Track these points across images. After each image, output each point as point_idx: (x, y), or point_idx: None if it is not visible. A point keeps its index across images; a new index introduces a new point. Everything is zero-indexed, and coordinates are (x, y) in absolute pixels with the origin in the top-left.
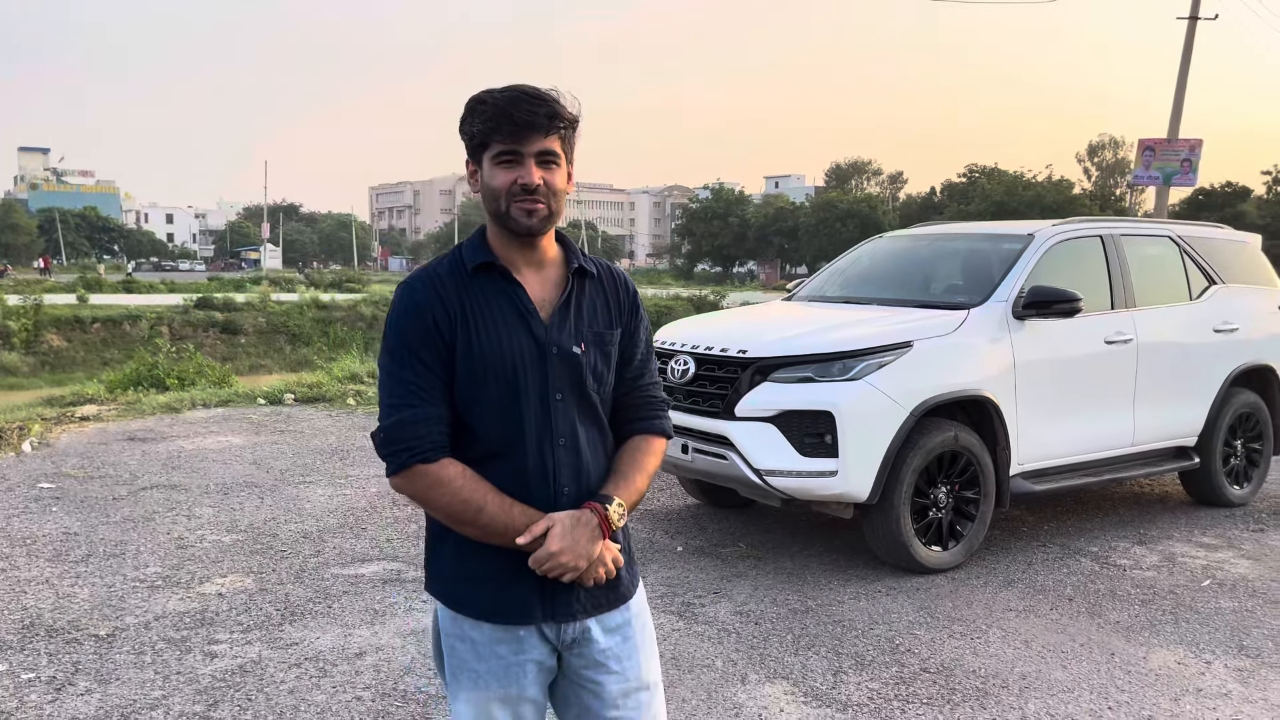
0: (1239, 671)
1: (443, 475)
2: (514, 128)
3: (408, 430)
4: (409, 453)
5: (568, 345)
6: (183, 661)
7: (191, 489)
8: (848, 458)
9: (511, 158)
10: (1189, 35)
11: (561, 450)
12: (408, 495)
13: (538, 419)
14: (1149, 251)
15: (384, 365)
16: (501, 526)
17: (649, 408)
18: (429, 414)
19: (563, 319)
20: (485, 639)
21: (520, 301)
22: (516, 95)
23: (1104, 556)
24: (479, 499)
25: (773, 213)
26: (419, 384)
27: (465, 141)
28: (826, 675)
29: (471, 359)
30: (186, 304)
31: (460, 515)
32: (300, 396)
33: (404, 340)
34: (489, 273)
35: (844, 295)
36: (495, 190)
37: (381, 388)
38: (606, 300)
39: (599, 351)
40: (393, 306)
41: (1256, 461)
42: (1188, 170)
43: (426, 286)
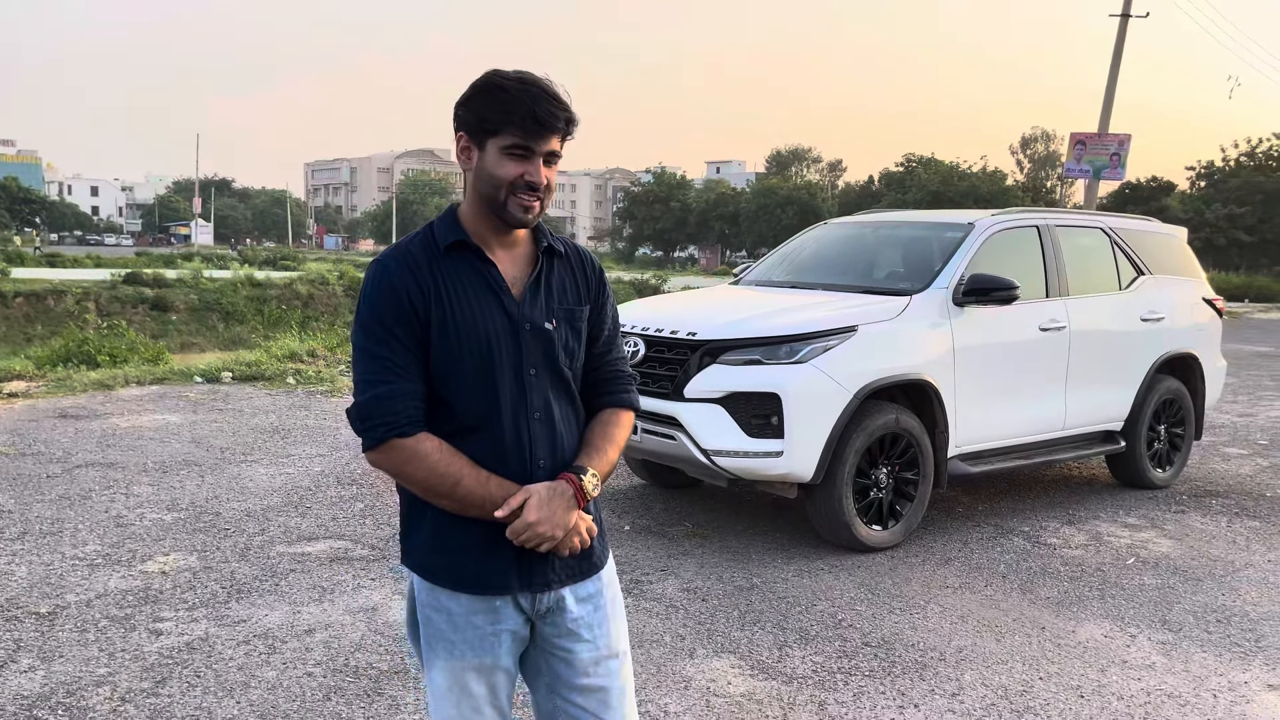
0: (1162, 644)
1: (419, 449)
2: (535, 125)
3: (384, 405)
4: (386, 427)
5: (540, 321)
6: (127, 639)
7: (128, 467)
8: (793, 439)
9: (522, 152)
10: (1121, 32)
11: (537, 424)
12: (384, 469)
13: (513, 394)
14: (1082, 242)
15: (359, 342)
16: (478, 499)
17: (617, 381)
18: (405, 389)
19: (534, 296)
20: (462, 610)
21: (493, 279)
22: (538, 93)
23: (1035, 536)
24: (455, 472)
25: (714, 198)
26: (394, 360)
27: (468, 119)
28: (772, 649)
29: (447, 335)
30: (114, 279)
31: (437, 488)
32: (238, 375)
33: (379, 317)
34: (462, 251)
35: (790, 280)
36: (498, 179)
37: (356, 364)
38: (575, 278)
39: (569, 327)
40: (366, 284)
41: (1179, 446)
42: (1116, 164)
43: (401, 264)
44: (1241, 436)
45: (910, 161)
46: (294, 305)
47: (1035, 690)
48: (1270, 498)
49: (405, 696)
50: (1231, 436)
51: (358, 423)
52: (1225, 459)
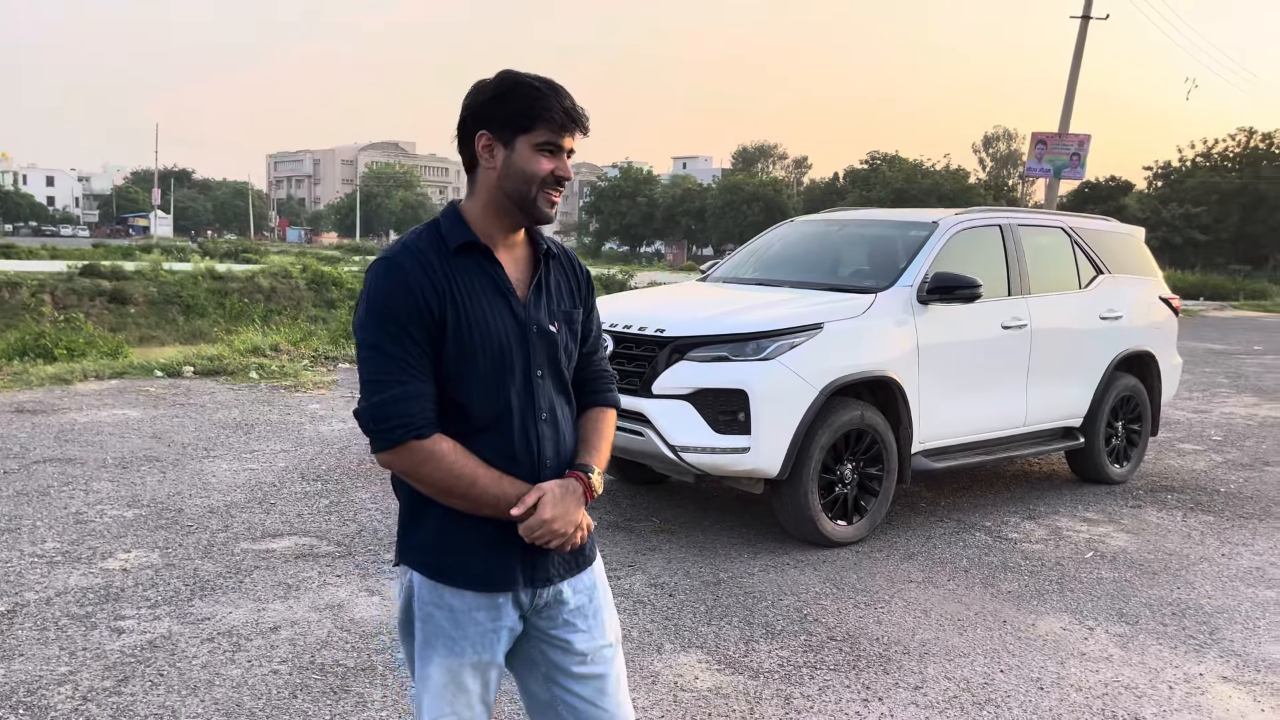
0: (1119, 637)
1: (436, 450)
2: (569, 122)
3: (400, 406)
4: (403, 429)
5: (545, 324)
6: (89, 637)
7: (88, 463)
8: (760, 435)
9: (553, 148)
10: (1081, 34)
11: (544, 425)
12: (398, 470)
13: (522, 395)
14: (1043, 241)
15: (370, 341)
16: (493, 498)
17: (603, 380)
18: (420, 390)
19: (537, 298)
20: (465, 606)
21: (501, 281)
22: (565, 94)
23: (997, 530)
24: (470, 472)
25: (680, 193)
26: (409, 361)
27: (497, 116)
28: (739, 644)
29: (461, 337)
30: (71, 271)
31: (453, 488)
32: (200, 369)
33: (393, 316)
34: (471, 252)
35: (757, 277)
36: (530, 175)
37: (366, 364)
38: (568, 280)
39: (568, 329)
40: (377, 283)
41: (1136, 442)
42: (1076, 164)
43: (416, 265)
44: (1196, 433)
45: (875, 159)
46: (256, 299)
47: (996, 683)
48: (1224, 493)
49: (372, 693)
50: (1187, 433)
51: (372, 424)
52: (1180, 454)
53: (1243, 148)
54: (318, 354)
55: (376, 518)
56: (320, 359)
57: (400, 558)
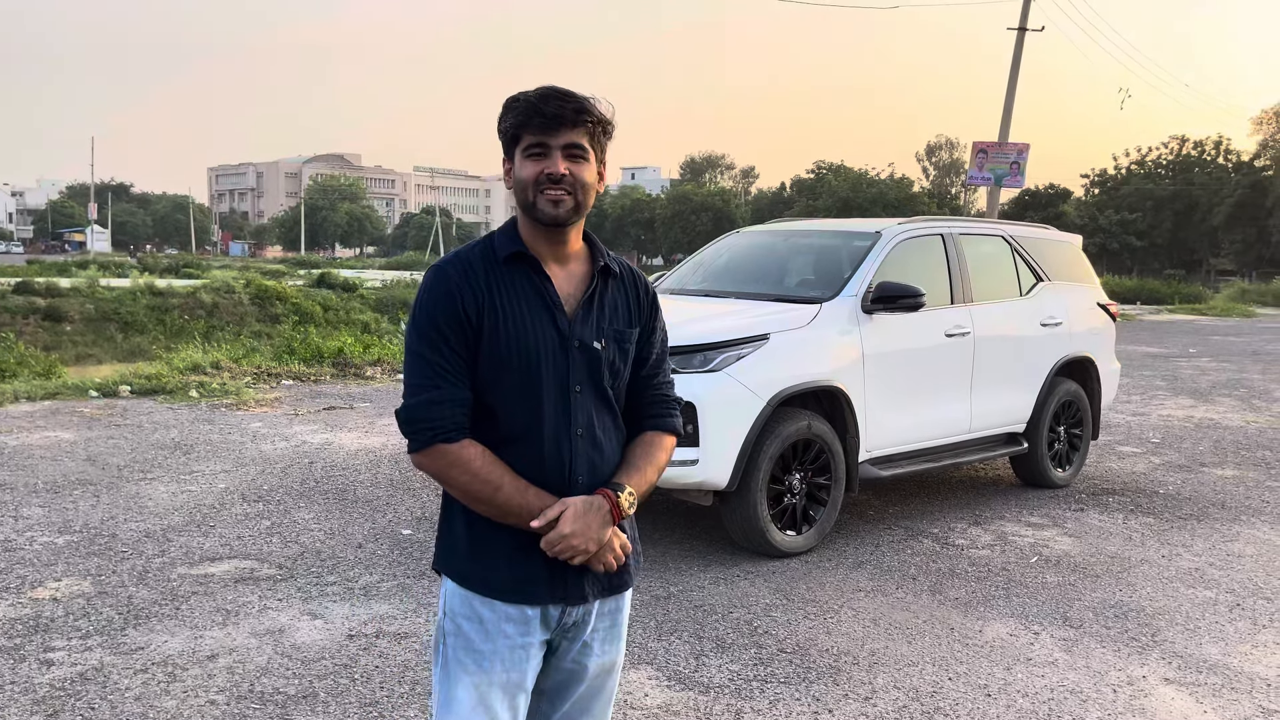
0: (1064, 641)
1: (463, 455)
2: (543, 120)
3: (433, 410)
4: (431, 431)
5: (589, 340)
6: (16, 671)
7: (17, 488)
8: (708, 447)
9: (540, 150)
10: (1018, 44)
11: (579, 441)
12: (428, 472)
13: (557, 409)
14: (984, 250)
15: (412, 346)
16: (516, 507)
17: (663, 404)
18: (453, 395)
19: (586, 314)
20: (495, 617)
21: (548, 294)
22: (547, 93)
23: (944, 537)
24: (496, 479)
25: (629, 204)
26: (445, 366)
27: (502, 139)
28: (689, 659)
29: (497, 345)
30: (3, 289)
31: (478, 494)
32: (137, 388)
33: (434, 323)
34: (520, 263)
35: (704, 288)
36: (524, 181)
37: (408, 368)
38: (628, 300)
39: (618, 348)
40: (423, 288)
41: (1077, 446)
42: (1016, 172)
43: (459, 272)
44: (1135, 435)
45: (821, 168)
46: (198, 315)
47: (945, 691)
48: (1163, 494)
49: None
50: (1126, 435)
51: (405, 425)
52: (1120, 457)
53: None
54: (260, 371)
55: (319, 539)
56: (263, 376)
57: (435, 562)
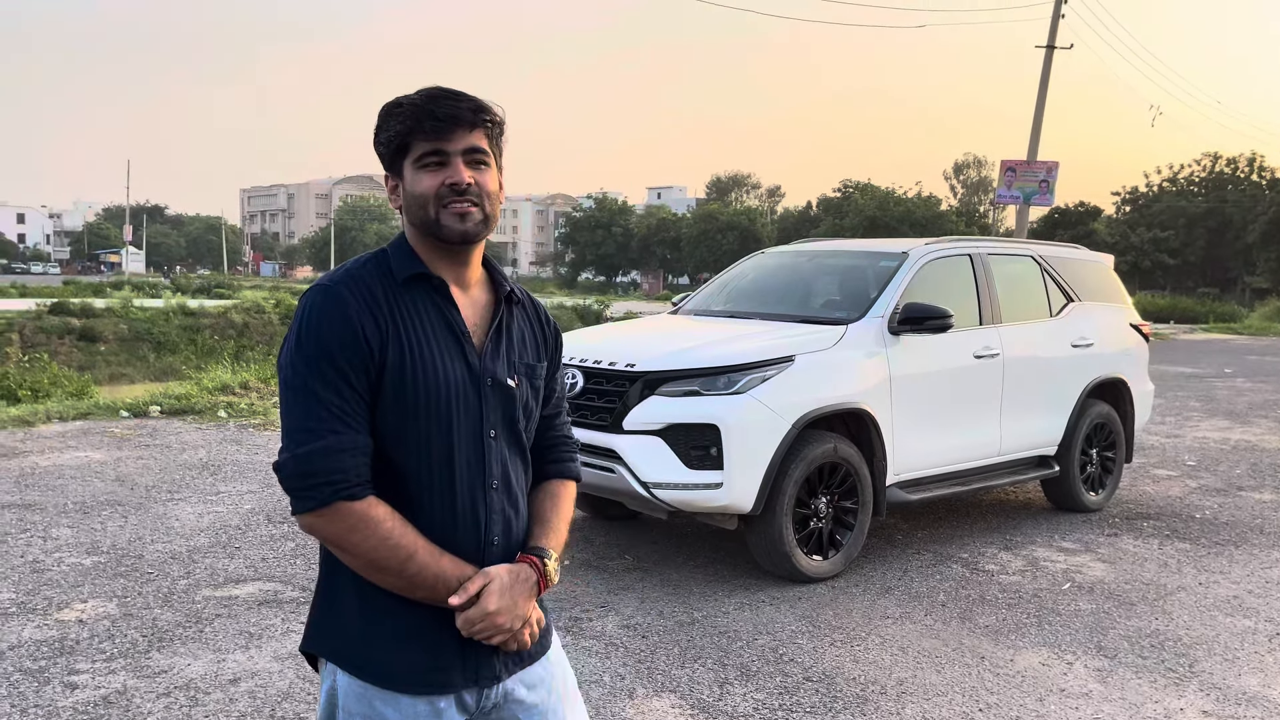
0: (1098, 671)
1: (370, 515)
2: (436, 124)
3: (330, 461)
4: (331, 487)
5: (502, 377)
6: (40, 694)
7: (47, 508)
8: (733, 470)
9: (437, 159)
10: (1046, 62)
11: (495, 495)
12: (323, 537)
13: (470, 458)
14: (1014, 270)
15: (296, 382)
16: (430, 579)
17: (564, 448)
18: (354, 442)
19: (495, 347)
20: (400, 715)
21: (456, 323)
22: (435, 93)
23: (973, 562)
24: (409, 545)
25: (655, 223)
26: (344, 407)
27: (382, 152)
28: (713, 687)
29: (404, 384)
30: (40, 309)
31: (385, 563)
32: (167, 408)
33: (326, 354)
34: (421, 285)
35: (729, 309)
36: (421, 196)
37: (291, 408)
38: (533, 330)
39: (530, 385)
40: (310, 313)
41: (1110, 469)
42: (1045, 190)
43: (357, 295)
44: (1170, 458)
45: (847, 187)
46: (228, 335)
47: None
48: (1199, 519)
49: None
50: (1160, 458)
51: (295, 479)
52: (1155, 480)
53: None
54: None
55: None
56: None
57: (311, 644)
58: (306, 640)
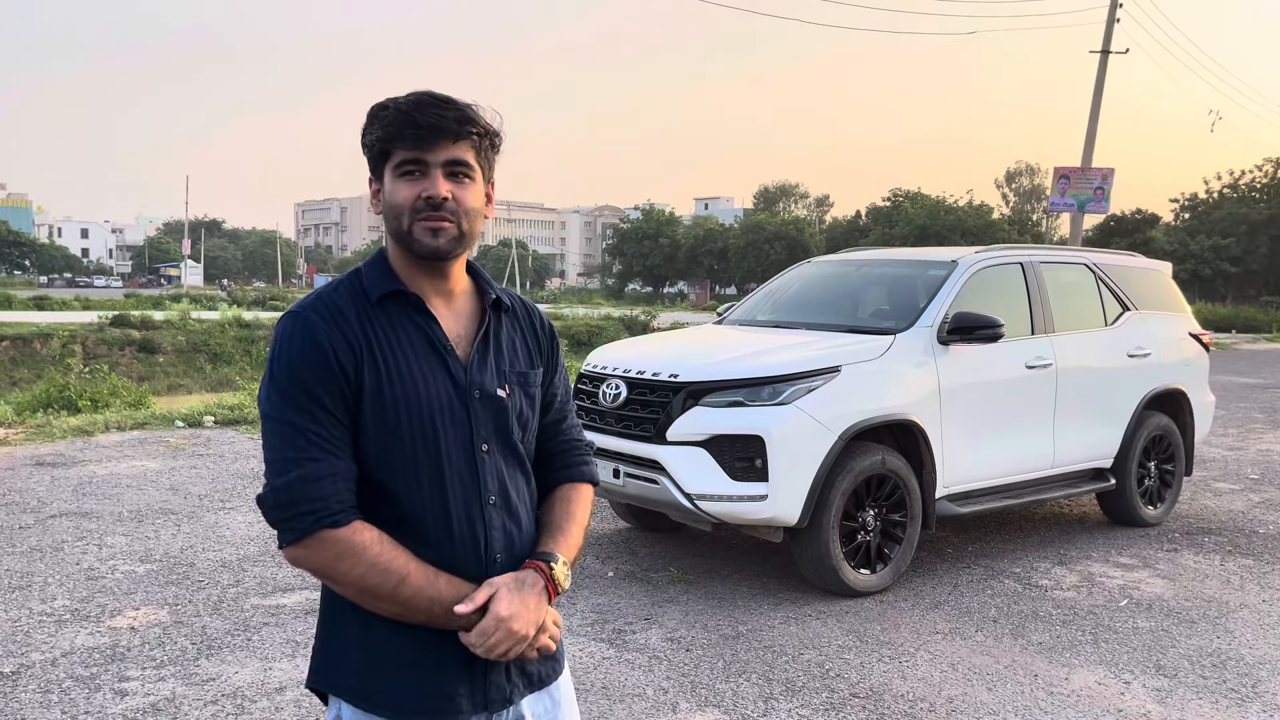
0: (1157, 691)
1: (356, 542)
2: (417, 132)
3: (310, 489)
4: (313, 516)
5: (491, 388)
6: (91, 700)
7: (103, 516)
8: (778, 481)
9: (415, 168)
10: (1101, 68)
11: (493, 511)
12: (309, 569)
13: (463, 475)
14: (1067, 278)
15: (273, 412)
16: (427, 601)
17: (575, 453)
18: (335, 469)
19: (482, 358)
20: None
21: (435, 336)
22: (421, 99)
23: (1026, 577)
24: (400, 568)
25: (702, 234)
26: (321, 434)
27: (366, 154)
28: (758, 702)
29: (383, 405)
30: (102, 322)
31: (377, 589)
32: (220, 419)
33: (299, 382)
34: (398, 302)
35: (774, 319)
36: (396, 207)
37: (271, 439)
38: (524, 337)
39: (523, 394)
40: (281, 341)
41: (1169, 482)
42: (1100, 198)
43: (325, 318)
44: (1232, 471)
45: (897, 196)
46: None
47: None
48: (1263, 534)
49: None
50: (1222, 471)
51: (275, 511)
52: (1216, 494)
53: (1270, 178)
54: None
55: None
56: None
57: (315, 680)
58: (312, 676)
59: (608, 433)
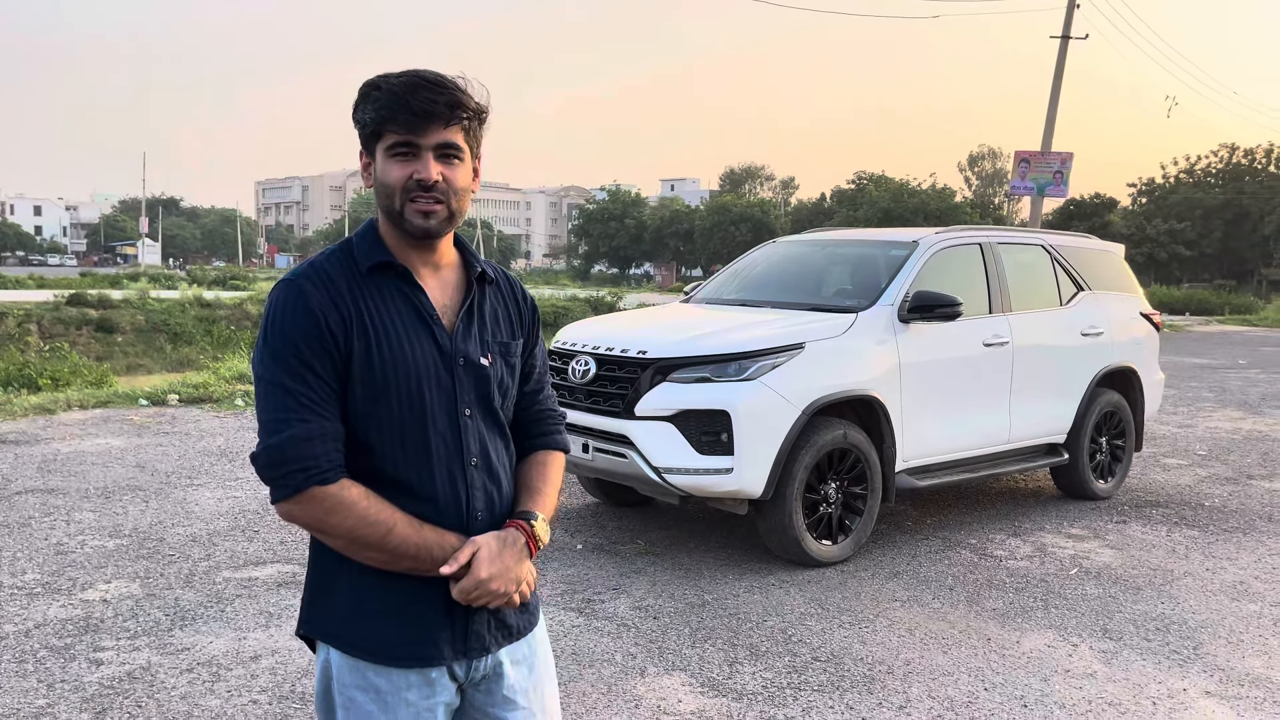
0: (1103, 653)
1: (344, 497)
2: (410, 117)
3: (301, 448)
4: (304, 474)
5: (475, 356)
6: (67, 670)
7: (70, 493)
8: (743, 455)
9: (407, 150)
10: (1061, 53)
11: (474, 472)
12: (301, 523)
13: (446, 438)
14: (1023, 259)
15: (265, 375)
16: (413, 549)
17: (549, 421)
18: (324, 429)
19: (467, 327)
20: (392, 686)
21: (423, 306)
22: (414, 81)
23: (982, 548)
24: (387, 519)
25: (668, 215)
26: (311, 396)
27: (358, 130)
28: (723, 666)
29: (371, 370)
30: (57, 301)
31: (366, 539)
32: (185, 397)
33: (293, 347)
34: (386, 273)
35: (740, 298)
36: (389, 186)
37: (263, 400)
38: (507, 308)
39: (504, 363)
40: (274, 307)
41: (1120, 457)
42: (1059, 181)
43: (317, 286)
44: (1181, 447)
45: (861, 179)
46: (244, 325)
47: (980, 701)
48: (1209, 507)
49: None
50: (1172, 447)
51: (269, 469)
52: (1165, 469)
53: (1225, 163)
54: None
55: None
56: None
57: (305, 628)
58: (301, 624)
59: (577, 408)
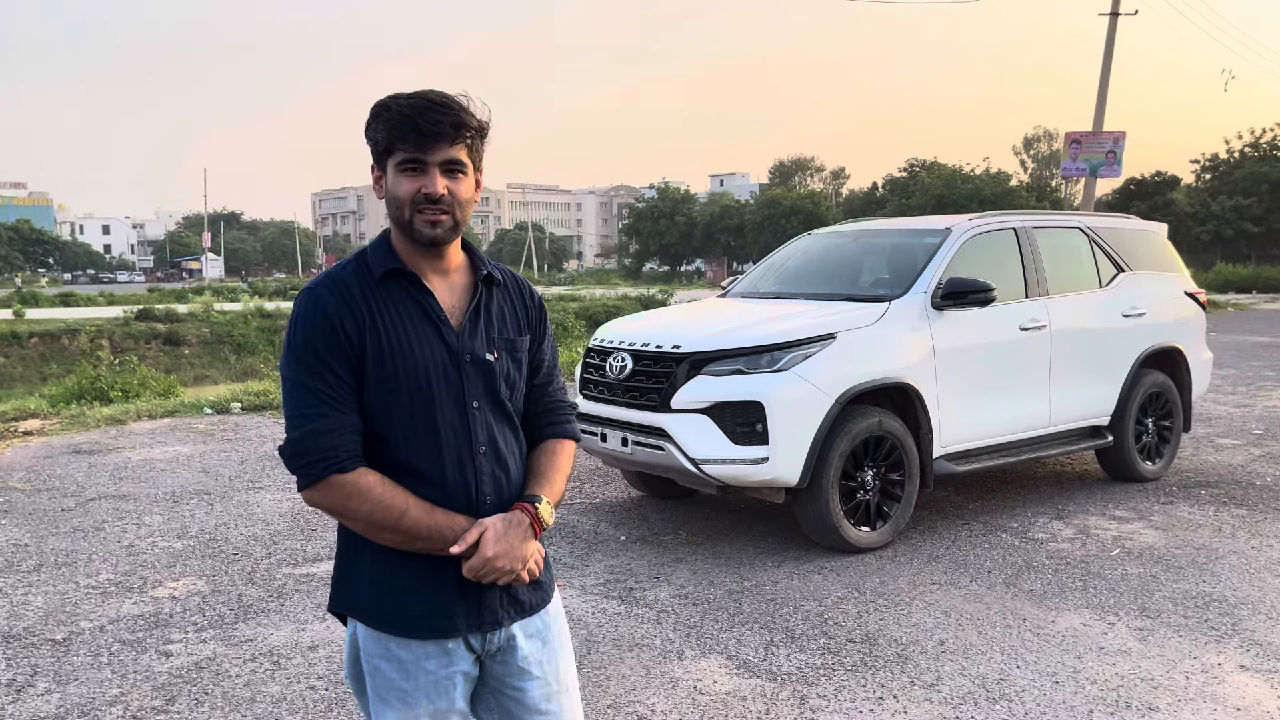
0: (1139, 631)
1: (361, 484)
2: (419, 137)
3: (321, 440)
4: (324, 463)
5: (480, 352)
6: (139, 661)
7: (140, 498)
8: (778, 445)
9: (416, 166)
10: (1110, 30)
11: (483, 459)
12: (324, 508)
13: (456, 429)
14: (1060, 242)
15: (290, 374)
16: (426, 530)
17: (559, 412)
18: (342, 422)
19: (474, 326)
20: (413, 656)
21: (431, 308)
22: (422, 103)
23: (1023, 531)
24: (401, 504)
25: (718, 210)
26: (330, 393)
27: (370, 147)
28: (758, 649)
29: (383, 367)
30: (127, 316)
31: (382, 521)
32: (247, 405)
33: (311, 348)
34: (397, 279)
35: (775, 291)
36: (399, 199)
37: (288, 398)
38: (514, 307)
39: (511, 358)
40: (297, 313)
41: (1167, 438)
42: (1112, 161)
43: (333, 293)
44: (1237, 427)
45: (913, 166)
46: None
47: (1012, 678)
48: (1259, 486)
49: None
50: (1227, 427)
51: (293, 460)
52: (1218, 450)
53: None
54: None
55: None
56: None
57: (334, 604)
58: (332, 601)
59: (615, 403)
